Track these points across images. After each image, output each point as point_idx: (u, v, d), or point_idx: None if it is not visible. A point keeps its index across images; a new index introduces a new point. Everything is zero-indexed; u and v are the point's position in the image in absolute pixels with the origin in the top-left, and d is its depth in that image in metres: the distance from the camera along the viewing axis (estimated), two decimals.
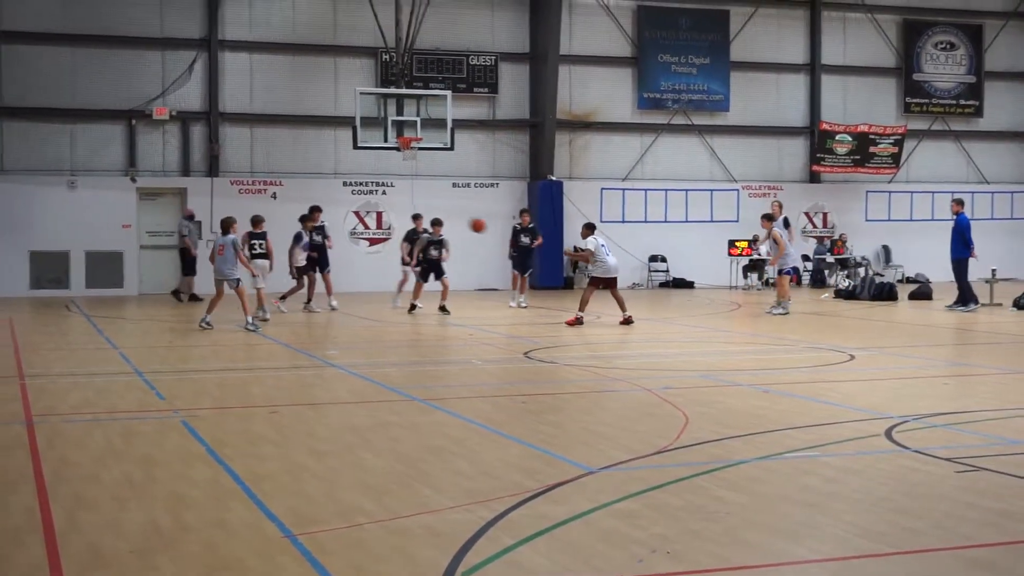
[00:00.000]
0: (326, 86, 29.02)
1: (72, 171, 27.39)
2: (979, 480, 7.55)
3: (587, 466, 7.88)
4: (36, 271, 27.00)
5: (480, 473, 7.72)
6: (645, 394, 11.33)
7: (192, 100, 28.12)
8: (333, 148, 29.06)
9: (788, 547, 6.03)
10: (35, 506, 6.87)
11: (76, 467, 7.99)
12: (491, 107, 30.33)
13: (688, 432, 9.16)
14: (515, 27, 30.43)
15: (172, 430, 9.47)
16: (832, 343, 16.19)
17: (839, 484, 7.38)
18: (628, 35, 31.34)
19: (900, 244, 33.56)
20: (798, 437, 8.98)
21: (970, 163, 34.86)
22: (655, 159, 31.84)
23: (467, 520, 6.45)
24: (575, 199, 30.40)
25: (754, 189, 32.48)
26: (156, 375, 12.82)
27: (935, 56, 34.17)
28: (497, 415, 10.27)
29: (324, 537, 6.15)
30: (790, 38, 32.91)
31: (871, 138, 32.66)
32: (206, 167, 28.27)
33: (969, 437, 9.18)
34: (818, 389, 11.70)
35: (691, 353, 15.41)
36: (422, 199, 28.84)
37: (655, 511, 6.66)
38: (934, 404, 10.66)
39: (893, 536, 6.20)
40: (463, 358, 15.00)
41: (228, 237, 18.48)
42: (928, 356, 15.34)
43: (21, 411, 10.41)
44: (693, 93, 31.83)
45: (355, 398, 11.50)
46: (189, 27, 28.05)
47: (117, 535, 6.23)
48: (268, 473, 7.77)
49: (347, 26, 28.96)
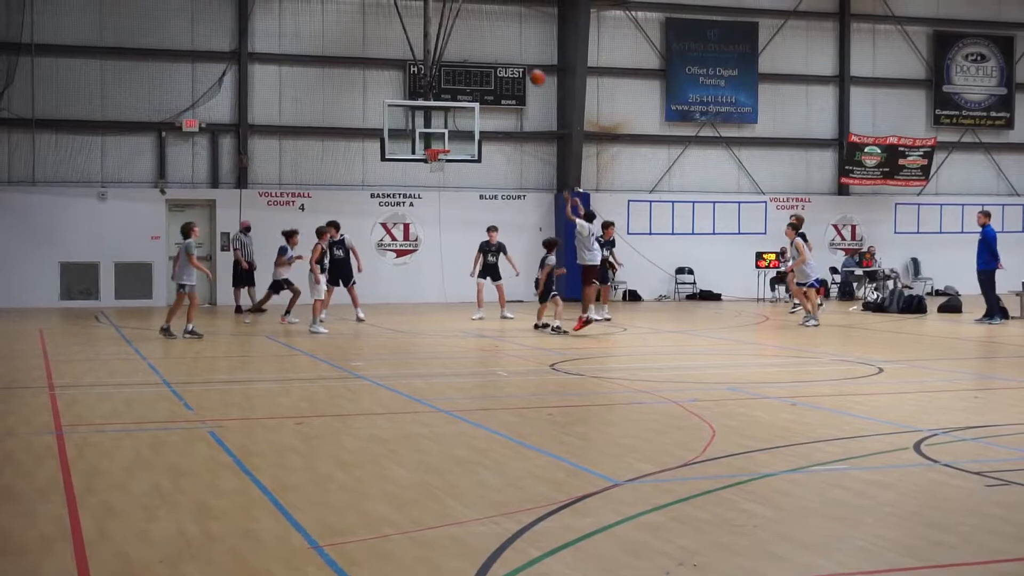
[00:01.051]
0: (354, 98, 29.13)
1: (102, 183, 27.59)
2: (1009, 494, 7.49)
3: (613, 478, 7.86)
4: (66, 282, 27.20)
5: (506, 485, 7.72)
6: (672, 406, 11.30)
7: (221, 112, 28.30)
8: (361, 160, 29.16)
9: (816, 560, 5.99)
10: (65, 515, 6.92)
11: (105, 477, 8.04)
12: (519, 119, 30.37)
13: (715, 445, 9.13)
14: (543, 39, 30.47)
15: (200, 440, 9.51)
16: (860, 356, 16.10)
17: (868, 497, 7.34)
18: (656, 47, 31.32)
19: (929, 257, 33.34)
20: (826, 450, 8.94)
21: (1000, 175, 34.64)
22: (683, 171, 31.79)
23: (493, 532, 6.45)
24: (602, 211, 30.34)
25: (782, 201, 32.36)
26: (184, 386, 12.88)
27: (965, 68, 33.98)
28: (523, 427, 10.26)
29: (350, 548, 6.16)
30: (819, 50, 32.80)
31: (900, 150, 32.49)
32: (235, 179, 28.42)
33: (999, 451, 9.11)
34: (846, 402, 11.64)
35: (718, 365, 15.36)
36: (449, 211, 28.90)
37: (681, 524, 6.64)
38: (963, 417, 10.59)
39: (923, 550, 6.15)
40: (489, 369, 15.01)
41: (187, 242, 18.80)
42: (957, 369, 15.24)
43: (51, 421, 10.49)
44: (721, 105, 31.78)
45: (381, 409, 11.52)
46: (219, 40, 28.24)
47: (145, 544, 6.26)
48: (295, 484, 7.79)
49: (376, 39, 29.07)
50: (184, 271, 18.83)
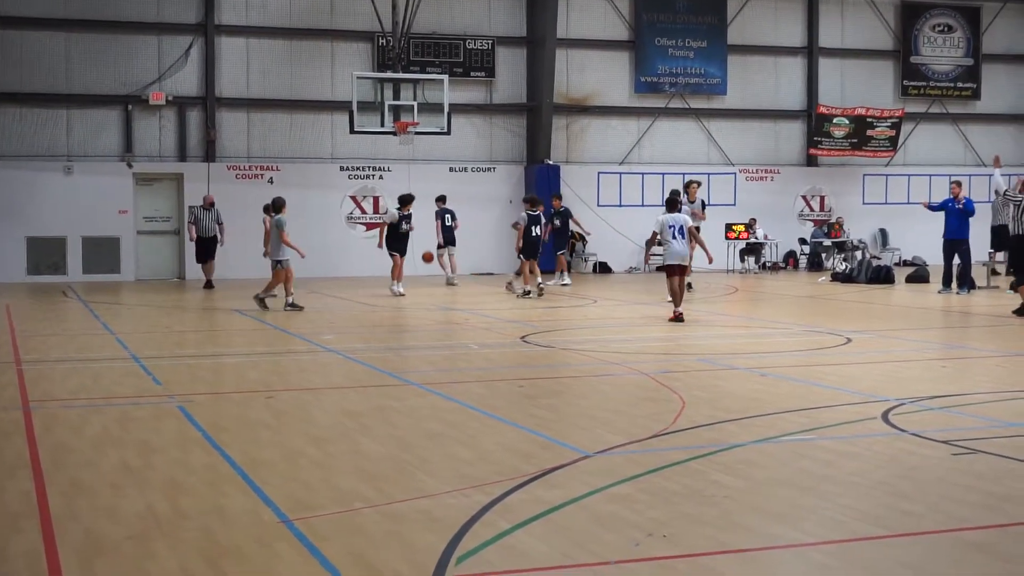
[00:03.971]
0: (323, 71, 28.93)
1: (68, 157, 27.32)
2: (976, 463, 7.56)
3: (583, 450, 7.88)
4: (33, 257, 26.95)
5: (477, 458, 7.73)
6: (642, 378, 11.34)
7: (188, 85, 28.04)
8: (330, 133, 28.99)
9: (784, 531, 6.03)
10: (32, 492, 6.87)
11: (73, 453, 8.00)
12: (488, 91, 30.26)
13: (685, 416, 9.16)
14: (512, 11, 30.34)
15: (169, 416, 9.47)
16: (829, 326, 16.19)
17: (836, 467, 7.39)
18: (625, 19, 31.24)
19: (897, 227, 33.50)
20: (795, 420, 8.99)
21: (967, 146, 34.82)
22: (652, 143, 31.78)
23: (464, 505, 6.46)
24: (572, 183, 30.34)
25: (751, 173, 32.44)
26: (153, 360, 12.81)
27: (933, 39, 34.08)
28: (494, 399, 10.27)
29: (321, 523, 6.15)
30: (788, 21, 32.81)
31: (868, 121, 32.59)
32: (203, 152, 28.20)
33: (966, 420, 9.19)
34: (815, 372, 11.71)
35: (688, 337, 15.41)
36: (419, 183, 28.77)
37: (651, 495, 6.67)
38: (931, 387, 10.68)
39: (890, 519, 6.21)
40: (460, 342, 15.01)
41: (277, 218, 19.40)
42: (925, 339, 15.36)
43: (18, 397, 10.41)
44: (690, 76, 31.76)
45: (352, 383, 11.50)
46: (185, 12, 27.95)
47: (114, 521, 6.23)
48: (265, 459, 7.77)
49: (343, 10, 28.86)
50: (277, 248, 19.18)
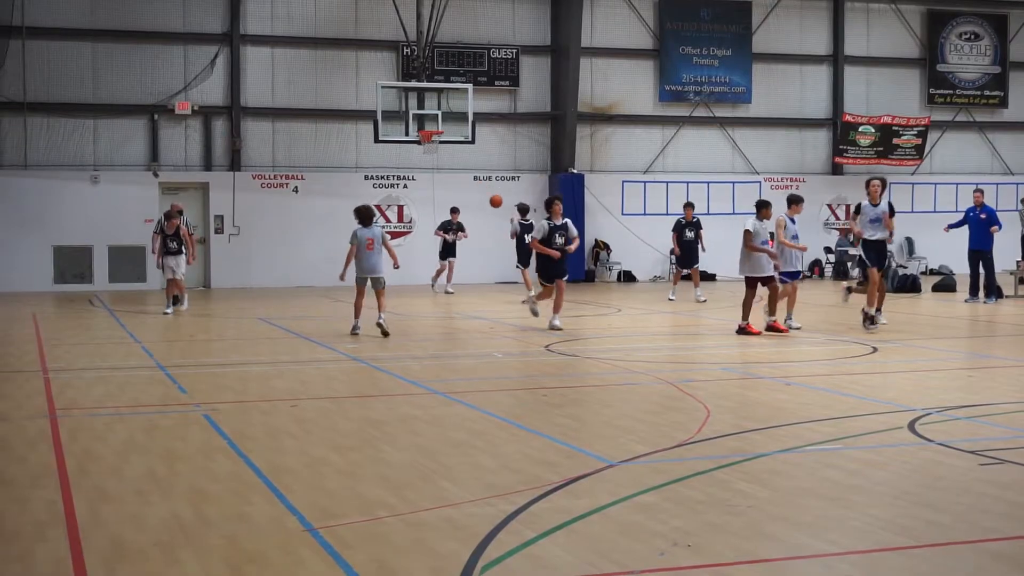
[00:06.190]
0: (347, 80, 29.03)
1: (95, 166, 27.50)
2: (1003, 473, 7.50)
3: (608, 459, 7.86)
4: (60, 266, 27.13)
5: (501, 467, 7.72)
6: (666, 387, 11.31)
7: (214, 95, 28.20)
8: (354, 142, 29.08)
9: (810, 541, 6.00)
10: (58, 500, 6.90)
11: (99, 461, 8.03)
12: (512, 100, 30.29)
13: (709, 425, 9.13)
14: (536, 20, 30.38)
15: (194, 424, 9.50)
16: (854, 335, 16.11)
17: (862, 477, 7.34)
18: (649, 27, 31.23)
19: (923, 236, 33.30)
20: (820, 430, 8.94)
21: (994, 154, 34.61)
22: (676, 152, 31.73)
23: (488, 513, 6.44)
24: (596, 192, 30.33)
25: (776, 181, 32.34)
26: (178, 369, 12.86)
27: (959, 47, 33.92)
28: (518, 408, 10.26)
29: (345, 531, 6.15)
30: (813, 29, 32.72)
31: (894, 129, 32.46)
32: (228, 161, 28.34)
33: (993, 429, 9.12)
34: (840, 382, 11.65)
35: (713, 346, 15.36)
36: (443, 192, 28.83)
37: (676, 504, 6.64)
38: (957, 396, 10.61)
39: (916, 529, 6.16)
40: (484, 351, 15.00)
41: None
42: (951, 348, 15.26)
43: (45, 405, 10.47)
44: (715, 85, 31.71)
45: (376, 391, 11.51)
46: (211, 22, 28.12)
47: (140, 529, 6.25)
48: (289, 467, 7.78)
49: (368, 20, 28.96)
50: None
